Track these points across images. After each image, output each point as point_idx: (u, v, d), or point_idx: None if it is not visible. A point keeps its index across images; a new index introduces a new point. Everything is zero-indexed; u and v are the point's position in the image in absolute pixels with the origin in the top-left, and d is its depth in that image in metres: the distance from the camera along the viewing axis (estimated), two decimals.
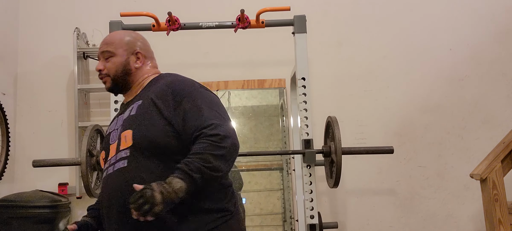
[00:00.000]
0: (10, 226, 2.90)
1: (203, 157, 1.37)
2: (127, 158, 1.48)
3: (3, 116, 3.10)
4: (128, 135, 1.50)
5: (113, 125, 1.65)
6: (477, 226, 3.34)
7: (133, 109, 1.57)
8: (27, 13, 3.51)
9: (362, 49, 3.51)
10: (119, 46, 1.68)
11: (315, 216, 2.56)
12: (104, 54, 1.69)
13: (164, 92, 1.53)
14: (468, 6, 3.55)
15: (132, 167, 1.46)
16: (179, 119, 1.48)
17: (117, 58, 1.67)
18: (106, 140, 1.65)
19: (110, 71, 1.67)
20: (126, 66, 1.67)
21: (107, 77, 1.68)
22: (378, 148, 2.69)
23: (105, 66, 1.68)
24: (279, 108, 3.47)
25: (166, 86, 1.56)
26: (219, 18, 2.78)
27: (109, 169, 1.52)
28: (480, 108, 3.45)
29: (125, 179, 1.45)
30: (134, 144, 1.48)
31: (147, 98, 1.56)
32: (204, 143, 1.39)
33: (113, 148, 1.55)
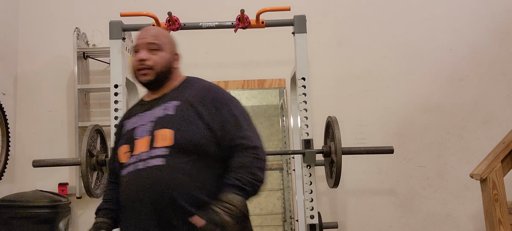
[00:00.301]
0: (10, 226, 2.90)
1: (251, 171, 1.48)
2: (165, 157, 1.49)
3: (3, 116, 3.10)
4: (168, 134, 1.51)
5: (137, 120, 1.62)
6: (477, 226, 3.34)
7: (169, 109, 1.57)
8: (27, 13, 3.51)
9: (362, 49, 3.51)
10: (166, 42, 1.68)
11: (315, 216, 2.56)
12: (150, 46, 1.64)
13: (203, 98, 1.58)
14: (468, 6, 3.55)
15: (169, 166, 1.48)
16: (218, 125, 1.54)
17: (165, 54, 1.66)
18: (128, 135, 1.61)
19: (156, 65, 1.64)
20: (170, 64, 1.68)
21: (151, 70, 1.63)
22: (378, 148, 2.69)
23: (149, 58, 1.63)
24: (279, 108, 3.47)
25: (205, 91, 1.61)
26: (219, 18, 2.78)
27: (139, 164, 1.51)
28: (480, 108, 3.45)
29: (161, 177, 1.47)
30: (175, 144, 1.49)
31: (185, 101, 1.58)
32: (248, 156, 1.50)
33: (143, 143, 1.54)
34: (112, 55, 2.68)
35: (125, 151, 1.60)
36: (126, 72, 2.78)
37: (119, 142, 1.67)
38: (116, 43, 2.68)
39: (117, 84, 2.63)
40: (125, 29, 2.74)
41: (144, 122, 1.59)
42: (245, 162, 1.48)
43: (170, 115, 1.55)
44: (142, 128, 1.58)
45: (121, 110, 2.60)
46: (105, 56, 3.37)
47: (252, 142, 1.53)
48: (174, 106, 1.57)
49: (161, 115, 1.56)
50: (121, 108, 2.61)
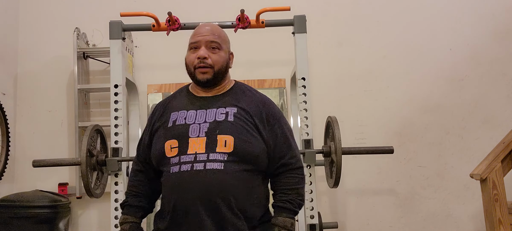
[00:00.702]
0: (10, 226, 2.90)
1: (299, 192, 1.62)
2: (224, 162, 1.51)
3: (3, 116, 3.10)
4: (229, 140, 1.53)
5: (189, 116, 1.60)
6: (477, 226, 3.34)
7: (229, 115, 1.59)
8: (27, 13, 3.51)
9: (362, 49, 3.51)
10: (224, 42, 1.70)
11: (315, 216, 2.56)
12: (211, 44, 1.63)
13: (259, 111, 1.63)
14: (468, 6, 3.55)
15: (227, 172, 1.51)
16: (271, 141, 1.61)
17: (224, 53, 1.68)
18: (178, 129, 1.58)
19: (216, 64, 1.64)
20: (228, 64, 1.71)
21: (210, 68, 1.63)
22: (378, 148, 2.69)
23: (209, 56, 1.63)
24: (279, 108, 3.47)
25: (260, 104, 1.65)
26: (219, 18, 2.79)
27: (198, 165, 1.51)
28: (480, 108, 3.45)
29: (219, 181, 1.50)
30: (234, 152, 1.53)
31: (242, 109, 1.61)
32: (295, 177, 1.62)
33: (199, 143, 1.53)
34: (112, 55, 2.68)
35: (173, 146, 1.57)
36: (126, 72, 2.78)
37: (165, 133, 1.61)
38: (116, 43, 2.68)
39: (117, 84, 2.63)
40: (125, 29, 2.74)
41: (199, 121, 1.58)
42: (294, 184, 1.61)
43: (231, 122, 1.57)
44: (197, 127, 1.57)
45: (121, 110, 2.60)
46: (105, 56, 3.37)
47: (297, 162, 1.64)
48: (233, 114, 1.59)
49: (221, 119, 1.58)
50: (121, 108, 2.61)
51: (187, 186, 1.50)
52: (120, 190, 2.53)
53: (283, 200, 1.59)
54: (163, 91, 3.41)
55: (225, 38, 1.71)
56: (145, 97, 3.40)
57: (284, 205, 1.58)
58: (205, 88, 1.68)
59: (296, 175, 1.62)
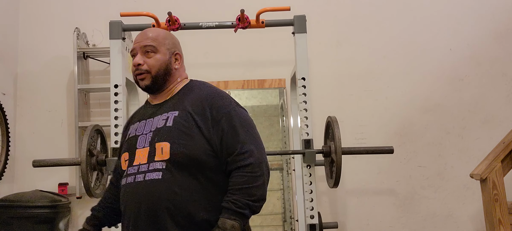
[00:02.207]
0: (10, 226, 2.90)
1: (246, 192, 1.42)
2: (162, 171, 1.45)
3: (3, 116, 3.10)
4: (165, 147, 1.46)
5: (140, 127, 1.59)
6: (477, 226, 3.34)
7: (169, 120, 1.52)
8: (27, 13, 3.51)
9: (362, 49, 3.51)
10: (162, 43, 1.61)
11: (315, 216, 2.56)
12: (145, 48, 1.58)
13: (202, 108, 1.51)
14: (468, 6, 3.55)
15: (166, 181, 1.44)
16: (217, 139, 1.48)
17: (161, 55, 1.59)
18: (130, 142, 1.58)
19: (152, 68, 1.58)
20: (168, 66, 1.60)
21: (147, 74, 1.58)
22: (378, 148, 2.69)
23: (144, 62, 1.58)
24: (279, 108, 3.47)
25: (204, 100, 1.53)
26: (219, 18, 2.78)
27: (139, 177, 1.48)
28: (480, 108, 3.45)
29: (158, 191, 1.43)
30: (171, 159, 1.45)
31: (183, 110, 1.52)
32: (243, 176, 1.44)
33: (143, 154, 1.50)
34: (112, 55, 2.68)
35: (126, 159, 1.57)
36: (126, 72, 2.78)
37: (122, 148, 1.64)
38: (116, 43, 2.68)
39: (117, 84, 2.63)
40: (125, 29, 2.74)
41: (146, 131, 1.55)
42: (240, 183, 1.43)
43: (169, 127, 1.50)
44: (142, 137, 1.55)
45: (121, 110, 2.60)
46: (105, 56, 3.37)
47: (249, 158, 1.45)
48: (173, 118, 1.52)
49: (162, 126, 1.52)
50: (121, 108, 2.61)
51: (130, 199, 1.49)
52: None
53: (226, 200, 1.43)
54: None
55: (164, 40, 1.61)
56: (145, 98, 3.37)
57: (226, 205, 1.41)
58: (155, 94, 1.64)
59: (245, 173, 1.44)
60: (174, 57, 1.63)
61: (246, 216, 1.42)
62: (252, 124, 1.56)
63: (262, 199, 1.46)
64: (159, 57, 1.59)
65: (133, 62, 1.59)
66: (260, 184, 1.45)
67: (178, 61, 1.65)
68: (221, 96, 1.56)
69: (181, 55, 1.67)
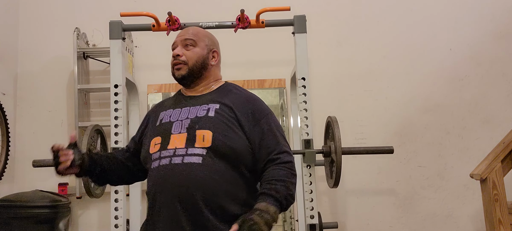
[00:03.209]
0: (10, 226, 2.90)
1: (286, 185, 1.48)
2: (202, 156, 1.49)
3: (3, 115, 3.10)
4: (207, 135, 1.51)
5: (174, 114, 1.62)
6: (477, 226, 3.34)
7: (210, 111, 1.57)
8: (27, 13, 3.51)
9: (362, 49, 3.51)
10: (202, 39, 1.71)
11: (315, 216, 2.56)
12: (185, 42, 1.68)
13: (244, 108, 1.60)
14: (468, 6, 3.55)
15: (206, 166, 1.48)
16: (256, 138, 1.56)
17: (199, 49, 1.69)
18: (163, 127, 1.61)
19: (189, 60, 1.67)
20: (205, 60, 1.69)
21: (184, 65, 1.66)
22: (378, 148, 2.69)
23: (183, 53, 1.67)
24: (279, 108, 3.47)
25: (246, 101, 1.62)
26: (219, 18, 2.78)
27: (176, 159, 1.50)
28: (480, 108, 3.45)
29: (197, 175, 1.47)
30: (213, 146, 1.50)
31: (225, 105, 1.59)
32: (284, 170, 1.51)
33: (180, 139, 1.54)
34: (112, 55, 2.68)
35: (157, 143, 1.59)
36: (126, 72, 2.78)
37: (152, 131, 1.66)
38: (116, 43, 2.68)
39: (117, 84, 2.63)
40: (125, 29, 2.74)
41: (182, 117, 1.59)
42: (282, 176, 1.49)
43: (211, 117, 1.55)
44: (179, 124, 1.58)
45: (121, 110, 2.60)
46: (105, 56, 3.37)
47: (287, 157, 1.55)
48: (214, 110, 1.58)
49: (202, 115, 1.57)
50: (121, 108, 2.61)
51: (165, 180, 1.50)
52: (120, 190, 2.52)
53: (267, 188, 1.46)
54: (163, 91, 3.41)
55: (204, 37, 1.72)
56: (145, 97, 3.40)
57: (268, 192, 1.45)
58: (189, 87, 1.71)
59: (285, 168, 1.51)
60: (212, 54, 1.73)
61: (282, 208, 1.47)
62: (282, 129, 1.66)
63: (294, 198, 1.52)
64: (197, 50, 1.68)
65: (173, 53, 1.68)
66: (295, 182, 1.53)
67: (215, 58, 1.74)
68: (261, 101, 1.67)
69: (219, 54, 1.77)
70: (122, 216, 2.49)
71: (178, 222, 1.46)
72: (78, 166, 1.62)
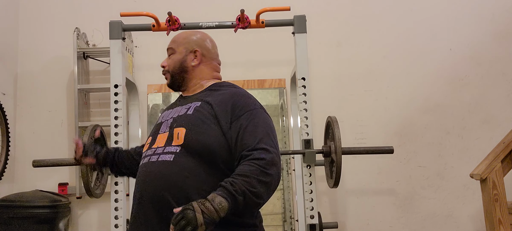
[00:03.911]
0: (10, 226, 2.90)
1: (248, 180, 1.35)
2: (174, 154, 1.49)
3: (3, 115, 3.10)
4: (181, 132, 1.51)
5: (166, 115, 1.68)
6: (477, 226, 3.34)
7: (190, 109, 1.59)
8: (27, 13, 3.51)
9: (362, 49, 3.51)
10: (180, 44, 1.73)
11: (315, 216, 2.56)
12: (168, 52, 1.76)
13: (224, 103, 1.54)
14: (468, 6, 3.55)
15: (177, 164, 1.47)
16: (233, 133, 1.47)
17: (176, 55, 1.72)
18: (155, 128, 1.67)
19: (169, 67, 1.73)
20: (182, 64, 1.71)
21: (167, 73, 1.74)
22: (378, 148, 2.69)
23: (167, 63, 1.74)
24: (279, 108, 3.47)
25: (229, 97, 1.57)
26: (219, 18, 2.79)
27: (153, 157, 1.54)
28: (480, 108, 3.45)
29: (166, 173, 1.46)
30: (185, 143, 1.49)
31: (206, 102, 1.58)
32: (252, 166, 1.37)
33: (162, 138, 1.57)
34: (112, 55, 2.68)
35: (148, 142, 1.66)
36: (126, 72, 2.78)
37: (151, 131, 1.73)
38: (116, 43, 2.68)
39: (117, 84, 2.63)
40: (125, 29, 2.74)
41: (169, 117, 1.63)
42: (246, 171, 1.36)
43: (189, 115, 1.56)
44: (165, 124, 1.62)
45: (121, 110, 2.61)
46: (105, 56, 3.37)
47: (262, 153, 1.40)
48: (194, 107, 1.59)
49: (183, 114, 1.59)
50: (121, 108, 2.61)
51: (142, 179, 1.54)
52: (120, 190, 2.53)
53: (225, 180, 1.36)
54: (163, 91, 3.41)
55: (183, 40, 1.74)
56: (145, 97, 3.40)
57: (224, 184, 1.34)
58: (181, 91, 1.76)
59: (255, 164, 1.37)
60: (193, 55, 1.72)
61: (238, 203, 1.33)
62: (273, 129, 1.52)
63: (262, 198, 1.38)
64: (174, 56, 1.72)
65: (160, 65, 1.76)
66: (266, 181, 1.37)
67: (197, 58, 1.72)
68: (247, 96, 1.58)
69: (203, 52, 1.74)
70: (122, 216, 2.49)
71: (150, 221, 1.46)
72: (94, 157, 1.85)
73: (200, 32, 1.79)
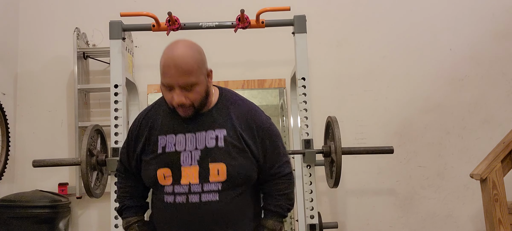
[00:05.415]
0: (10, 226, 2.90)
1: (288, 197, 1.64)
2: (218, 192, 1.51)
3: (3, 115, 3.10)
4: (221, 168, 1.51)
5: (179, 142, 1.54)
6: (477, 226, 3.34)
7: (219, 140, 1.53)
8: (27, 13, 3.51)
9: (362, 49, 3.51)
10: (199, 72, 1.49)
11: (315, 216, 2.56)
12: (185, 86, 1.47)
13: (248, 125, 1.59)
14: (468, 6, 3.55)
15: (224, 202, 1.51)
16: (261, 153, 1.60)
17: (201, 86, 1.50)
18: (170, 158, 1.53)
19: (195, 101, 1.50)
20: (207, 90, 1.55)
21: (191, 107, 1.51)
22: (378, 148, 2.69)
23: (187, 98, 1.49)
24: (279, 108, 3.47)
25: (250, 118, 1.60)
26: (219, 18, 2.79)
27: (192, 197, 1.50)
28: (480, 108, 3.45)
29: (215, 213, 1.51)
30: (229, 180, 1.52)
31: (232, 128, 1.55)
32: (284, 183, 1.64)
33: (192, 173, 1.51)
34: (112, 55, 2.68)
35: (167, 175, 1.53)
36: (126, 72, 2.78)
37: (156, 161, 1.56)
38: (116, 43, 2.68)
39: (117, 84, 2.63)
40: (125, 29, 2.74)
41: (190, 147, 1.53)
42: (284, 189, 1.63)
43: (220, 148, 1.52)
44: (188, 155, 1.53)
45: (121, 110, 2.61)
46: (105, 56, 3.37)
47: (287, 168, 1.65)
48: (223, 137, 1.54)
49: (212, 146, 1.52)
50: (121, 108, 2.61)
51: (184, 220, 1.51)
52: None
53: (274, 204, 1.62)
54: None
55: (198, 67, 1.48)
56: (145, 97, 3.40)
57: (275, 209, 1.62)
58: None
59: (285, 180, 1.64)
60: (209, 78, 1.56)
61: (285, 217, 1.65)
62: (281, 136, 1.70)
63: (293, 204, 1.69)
64: (200, 88, 1.50)
65: (175, 101, 1.49)
66: (293, 189, 1.69)
67: (211, 78, 1.58)
68: (261, 113, 1.66)
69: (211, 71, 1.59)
70: None
71: None
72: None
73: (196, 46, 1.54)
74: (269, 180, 1.63)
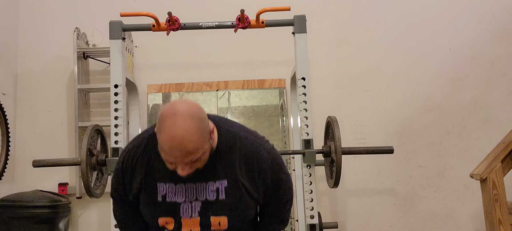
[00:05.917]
0: (10, 226, 2.90)
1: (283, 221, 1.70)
2: None
3: (3, 116, 3.10)
4: (222, 221, 1.54)
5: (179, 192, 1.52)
6: (477, 226, 3.34)
7: (220, 192, 1.52)
8: (27, 13, 3.51)
9: (362, 49, 3.51)
10: (204, 142, 1.39)
11: (315, 216, 2.56)
12: (193, 163, 1.40)
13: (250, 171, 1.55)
14: (468, 6, 3.55)
15: None
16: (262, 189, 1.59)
17: (206, 153, 1.43)
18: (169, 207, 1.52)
19: (200, 166, 1.45)
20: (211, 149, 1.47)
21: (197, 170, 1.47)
22: (378, 148, 2.69)
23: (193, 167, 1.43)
24: (279, 108, 3.47)
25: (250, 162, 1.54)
26: (219, 18, 2.78)
27: None
28: (480, 108, 3.45)
29: None
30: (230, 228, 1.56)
31: (233, 179, 1.52)
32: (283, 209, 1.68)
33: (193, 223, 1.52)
34: (112, 55, 2.68)
35: (169, 222, 1.54)
36: (126, 72, 2.77)
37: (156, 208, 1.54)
38: (116, 43, 2.68)
39: (117, 84, 2.63)
40: (125, 29, 2.74)
41: (190, 198, 1.52)
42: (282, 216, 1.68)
43: (221, 201, 1.52)
44: (187, 206, 1.52)
45: (121, 110, 2.60)
46: (105, 56, 3.37)
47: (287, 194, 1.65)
48: (224, 189, 1.52)
49: (212, 199, 1.52)
50: (121, 108, 2.61)
51: None
52: None
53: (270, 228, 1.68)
54: (163, 91, 3.41)
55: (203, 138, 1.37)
56: (145, 97, 3.40)
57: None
58: None
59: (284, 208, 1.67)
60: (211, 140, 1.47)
61: None
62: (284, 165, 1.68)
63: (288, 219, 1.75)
64: (205, 157, 1.43)
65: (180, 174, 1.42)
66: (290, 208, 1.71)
67: (213, 132, 1.48)
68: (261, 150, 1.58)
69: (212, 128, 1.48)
70: None
71: None
72: None
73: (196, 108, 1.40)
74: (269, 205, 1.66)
